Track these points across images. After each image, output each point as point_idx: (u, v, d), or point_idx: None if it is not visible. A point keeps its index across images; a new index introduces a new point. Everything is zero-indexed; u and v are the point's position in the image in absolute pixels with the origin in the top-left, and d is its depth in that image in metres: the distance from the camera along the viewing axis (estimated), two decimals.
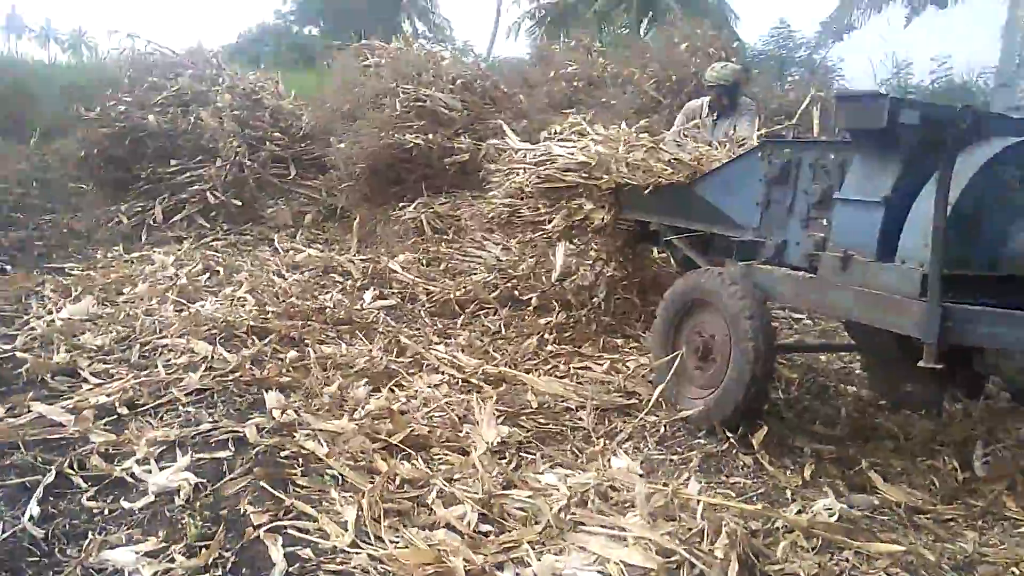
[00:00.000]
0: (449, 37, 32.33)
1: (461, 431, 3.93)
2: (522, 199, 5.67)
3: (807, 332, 6.24)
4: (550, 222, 5.55)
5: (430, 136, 8.33)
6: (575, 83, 10.91)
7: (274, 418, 3.82)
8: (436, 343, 5.42)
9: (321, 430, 3.72)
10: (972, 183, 3.40)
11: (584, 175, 5.22)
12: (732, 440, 4.00)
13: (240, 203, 8.71)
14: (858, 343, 4.96)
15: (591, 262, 6.42)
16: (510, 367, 4.95)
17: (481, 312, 6.26)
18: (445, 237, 7.87)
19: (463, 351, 5.23)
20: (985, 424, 4.20)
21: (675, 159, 4.95)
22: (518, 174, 5.59)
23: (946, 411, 4.53)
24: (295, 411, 3.94)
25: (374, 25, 19.96)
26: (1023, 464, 3.83)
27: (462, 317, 6.10)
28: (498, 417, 4.04)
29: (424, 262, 7.31)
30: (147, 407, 3.96)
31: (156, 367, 4.44)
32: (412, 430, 3.78)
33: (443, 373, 4.76)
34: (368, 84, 8.99)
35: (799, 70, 21.15)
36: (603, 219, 5.44)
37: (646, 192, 5.03)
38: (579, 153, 5.30)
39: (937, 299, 3.24)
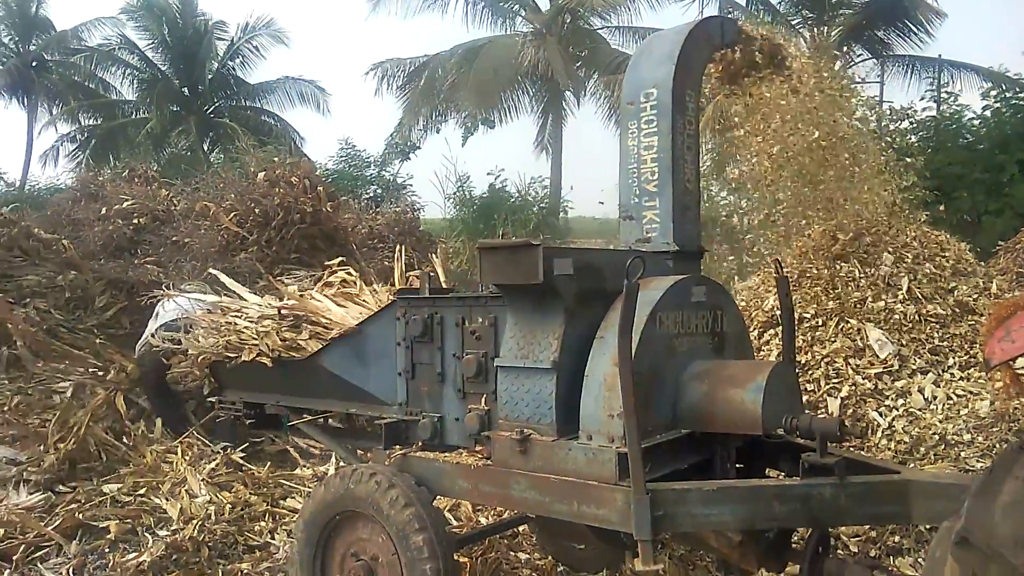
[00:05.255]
0: None
1: None
2: None
3: None
4: None
5: None
6: (136, 220, 9.30)
7: None
8: None
9: None
10: (644, 339, 2.99)
11: None
12: None
13: None
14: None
15: None
16: None
17: (39, 556, 4.48)
18: None
19: None
20: None
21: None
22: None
23: (629, 571, 4.11)
24: None
25: None
26: None
27: (7, 572, 4.28)
28: None
29: None
30: None
31: None
32: None
33: None
34: None
35: (372, 187, 21.63)
36: None
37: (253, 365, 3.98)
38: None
39: (643, 485, 2.71)
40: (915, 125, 13.72)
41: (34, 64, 28.60)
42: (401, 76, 23.25)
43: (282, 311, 4.27)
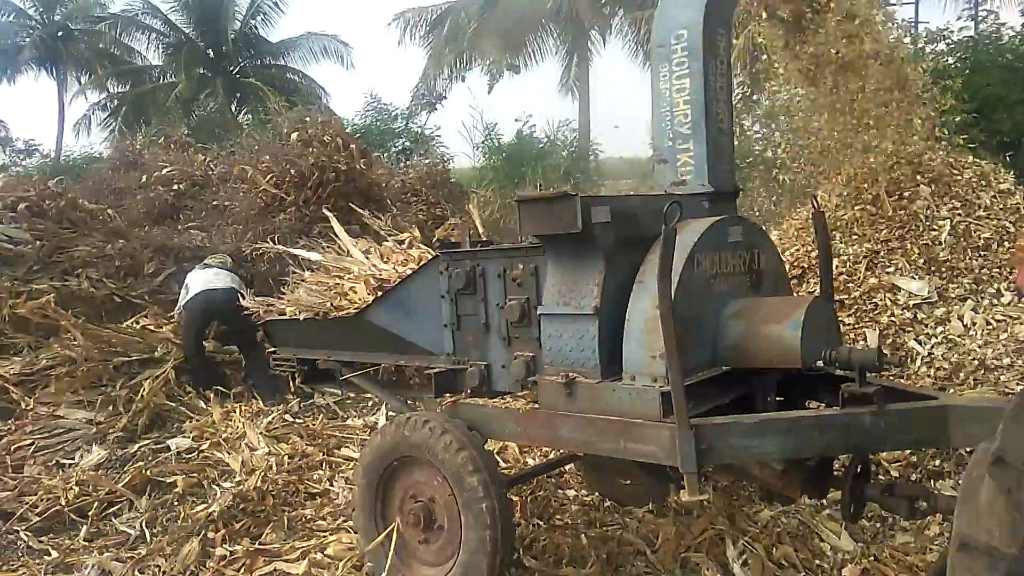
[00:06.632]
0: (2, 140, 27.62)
1: None
2: None
3: None
4: None
5: None
6: (176, 186, 9.49)
7: None
8: None
9: None
10: (683, 281, 3.07)
11: None
12: None
13: None
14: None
15: None
16: None
17: (112, 512, 4.75)
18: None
19: None
20: (724, 514, 3.96)
21: None
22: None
23: (674, 503, 4.26)
24: None
25: None
26: (777, 556, 3.62)
27: (84, 528, 4.54)
28: None
29: None
30: None
31: None
32: None
33: None
34: None
35: (400, 140, 21.63)
36: None
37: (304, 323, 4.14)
38: None
39: (687, 421, 2.83)
40: (952, 46, 13.29)
41: (60, 34, 28.82)
42: (424, 25, 23.09)
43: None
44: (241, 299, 4.94)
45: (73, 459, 5.49)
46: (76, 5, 28.82)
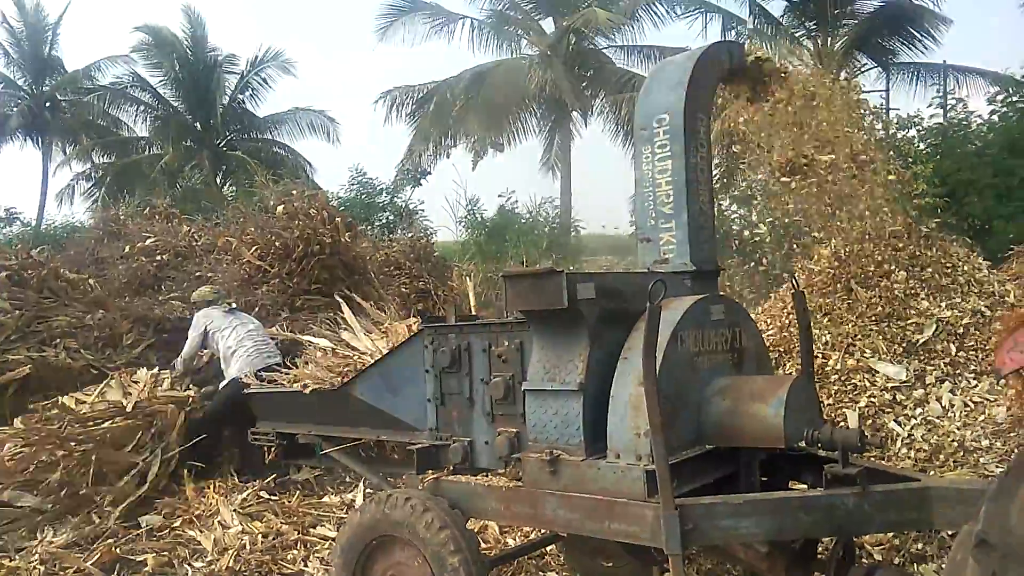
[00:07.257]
0: None
1: None
2: None
3: None
4: None
5: None
6: (159, 257, 9.48)
7: None
8: None
9: None
10: (667, 358, 3.10)
11: None
12: None
13: None
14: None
15: None
16: None
17: None
18: None
19: None
20: None
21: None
22: None
23: None
24: None
25: None
26: None
27: None
28: None
29: None
30: None
31: None
32: None
33: None
34: None
35: (385, 214, 21.84)
36: None
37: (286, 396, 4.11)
38: None
39: (672, 501, 2.81)
40: (923, 132, 13.78)
41: (47, 104, 29.12)
42: (410, 103, 23.60)
43: None
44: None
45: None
46: (65, 77, 29.22)
